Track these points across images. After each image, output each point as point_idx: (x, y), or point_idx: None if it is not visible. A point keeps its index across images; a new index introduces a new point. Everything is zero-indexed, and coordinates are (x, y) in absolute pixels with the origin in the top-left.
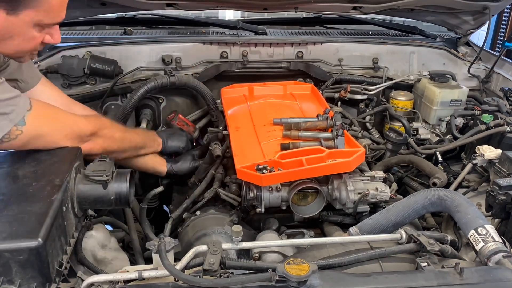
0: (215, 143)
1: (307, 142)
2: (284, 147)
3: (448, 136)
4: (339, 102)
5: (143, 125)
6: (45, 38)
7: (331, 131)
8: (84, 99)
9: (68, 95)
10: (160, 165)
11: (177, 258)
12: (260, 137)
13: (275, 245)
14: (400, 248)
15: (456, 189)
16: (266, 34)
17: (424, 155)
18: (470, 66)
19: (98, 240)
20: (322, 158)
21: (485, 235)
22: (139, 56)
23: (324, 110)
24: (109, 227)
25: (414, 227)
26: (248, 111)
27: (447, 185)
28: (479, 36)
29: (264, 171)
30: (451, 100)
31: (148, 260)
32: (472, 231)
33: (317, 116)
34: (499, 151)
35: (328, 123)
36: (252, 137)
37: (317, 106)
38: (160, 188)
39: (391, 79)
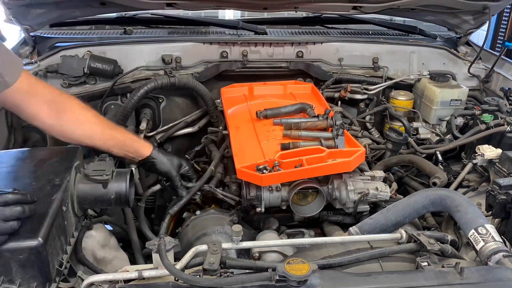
0: (212, 145)
1: (307, 142)
2: (284, 147)
3: (448, 135)
4: (339, 102)
5: (143, 124)
6: None
7: (331, 130)
8: (84, 99)
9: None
10: (143, 146)
11: (177, 258)
12: (260, 137)
13: (275, 245)
14: (400, 248)
15: (456, 189)
16: (266, 33)
17: (424, 155)
18: (470, 66)
19: (98, 239)
20: (322, 158)
21: (485, 234)
22: (139, 55)
23: (325, 111)
24: (109, 227)
25: (414, 226)
26: (248, 110)
27: (447, 185)
28: (479, 36)
29: (264, 171)
30: (451, 100)
31: (147, 258)
32: (472, 230)
33: (317, 116)
34: (499, 150)
35: (328, 122)
36: (252, 137)
37: (317, 106)
38: (157, 187)
39: (391, 79)
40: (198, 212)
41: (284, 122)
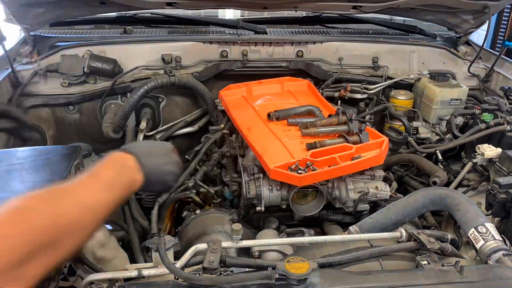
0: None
1: (332, 140)
2: (311, 146)
3: (448, 135)
4: (339, 101)
5: (143, 124)
6: None
7: (347, 123)
8: (84, 98)
9: (68, 94)
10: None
11: (177, 257)
12: (279, 137)
13: (275, 244)
14: (400, 247)
15: (456, 188)
16: (266, 33)
17: (424, 154)
18: (470, 65)
19: (97, 239)
20: (352, 155)
21: (485, 233)
22: (139, 55)
23: (336, 111)
24: (109, 227)
25: (414, 226)
26: (254, 112)
27: (447, 184)
28: (479, 35)
29: (299, 171)
30: (451, 99)
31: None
32: (472, 229)
33: (329, 116)
34: (499, 150)
35: (340, 119)
36: (270, 137)
37: (317, 103)
38: None
39: (391, 78)
40: (198, 211)
41: (299, 122)
